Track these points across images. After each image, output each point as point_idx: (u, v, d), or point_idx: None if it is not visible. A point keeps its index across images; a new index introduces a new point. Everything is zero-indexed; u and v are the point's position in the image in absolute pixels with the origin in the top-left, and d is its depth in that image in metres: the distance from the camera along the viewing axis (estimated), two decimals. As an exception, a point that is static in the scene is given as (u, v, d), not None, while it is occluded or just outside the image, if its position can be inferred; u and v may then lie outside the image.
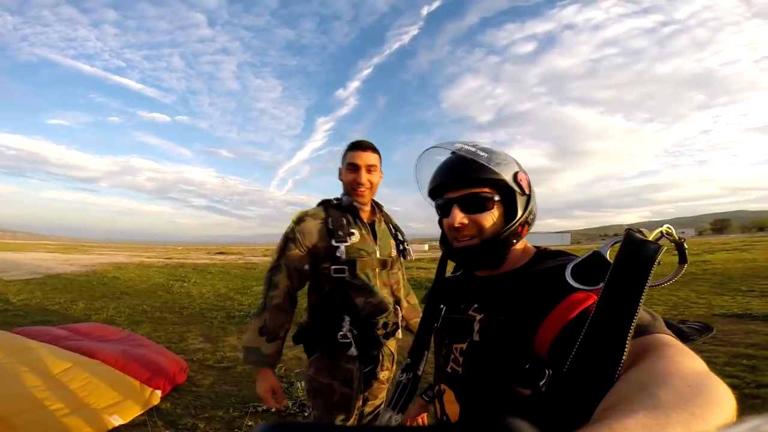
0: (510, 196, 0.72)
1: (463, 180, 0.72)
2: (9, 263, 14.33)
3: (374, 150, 1.48)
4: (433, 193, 0.79)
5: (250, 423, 2.26)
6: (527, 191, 0.74)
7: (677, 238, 0.54)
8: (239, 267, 16.54)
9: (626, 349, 0.43)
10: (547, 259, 0.72)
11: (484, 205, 0.71)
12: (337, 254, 1.39)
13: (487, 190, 0.71)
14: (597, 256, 0.58)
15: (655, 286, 0.51)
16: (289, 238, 1.44)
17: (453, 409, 0.73)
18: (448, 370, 0.75)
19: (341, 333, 1.39)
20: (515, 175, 0.72)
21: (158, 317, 5.75)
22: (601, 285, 0.53)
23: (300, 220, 1.45)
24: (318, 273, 1.45)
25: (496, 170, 0.70)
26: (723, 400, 0.34)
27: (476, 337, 0.69)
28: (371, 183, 1.47)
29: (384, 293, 1.48)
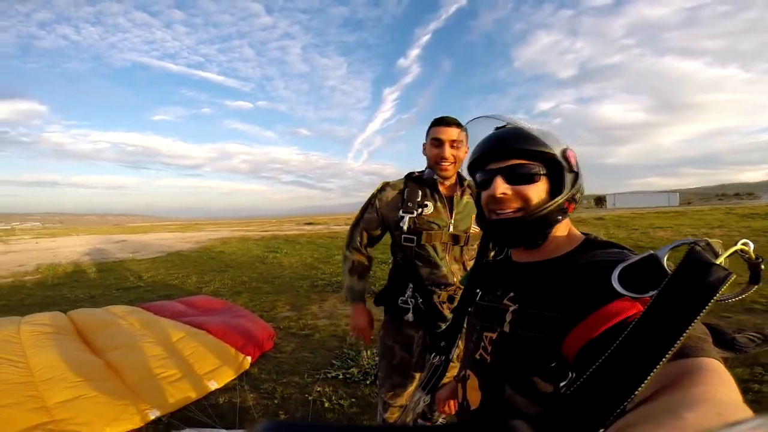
0: (557, 171, 0.69)
1: (510, 150, 0.69)
2: (139, 244, 17.12)
3: (458, 125, 1.50)
4: (474, 165, 0.76)
5: (318, 389, 2.57)
6: (575, 168, 0.71)
7: (754, 257, 0.49)
8: (324, 237, 17.74)
9: (649, 378, 0.40)
10: (597, 248, 0.67)
11: (530, 177, 0.68)
12: (401, 224, 1.51)
13: (533, 162, 0.69)
14: (652, 260, 0.53)
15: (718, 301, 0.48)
16: (369, 203, 1.63)
17: (474, 396, 0.74)
18: (477, 356, 0.75)
19: (402, 298, 1.55)
20: (564, 151, 0.69)
21: (254, 287, 6.53)
22: (650, 294, 0.50)
23: (382, 188, 1.62)
24: (394, 241, 1.60)
25: (545, 142, 0.68)
26: None
27: (507, 329, 0.67)
28: (455, 158, 1.50)
29: (453, 268, 1.55)
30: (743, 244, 0.49)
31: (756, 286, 0.50)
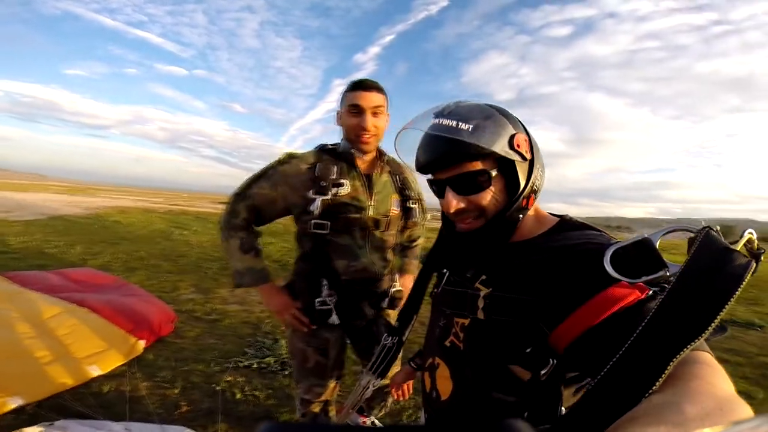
0: (510, 164, 0.63)
1: (450, 159, 0.63)
2: (15, 203, 14.44)
3: (379, 90, 1.27)
4: (422, 170, 0.70)
5: (228, 378, 2.34)
6: (528, 155, 0.64)
7: (756, 247, 0.47)
8: (240, 218, 16.64)
9: (667, 371, 0.39)
10: (574, 230, 0.65)
11: (479, 185, 0.63)
12: (311, 208, 1.24)
13: (480, 165, 0.62)
14: (646, 244, 0.51)
15: None
16: (264, 175, 1.30)
17: (445, 386, 0.70)
18: (447, 344, 0.70)
19: (320, 299, 1.30)
20: (511, 139, 0.62)
21: (154, 265, 5.81)
22: (643, 279, 0.49)
23: (286, 160, 1.30)
24: (300, 227, 1.33)
25: (483, 145, 0.60)
26: None
27: (480, 315, 0.63)
28: (377, 128, 1.28)
29: (374, 257, 1.33)
30: (749, 233, 0.48)
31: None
